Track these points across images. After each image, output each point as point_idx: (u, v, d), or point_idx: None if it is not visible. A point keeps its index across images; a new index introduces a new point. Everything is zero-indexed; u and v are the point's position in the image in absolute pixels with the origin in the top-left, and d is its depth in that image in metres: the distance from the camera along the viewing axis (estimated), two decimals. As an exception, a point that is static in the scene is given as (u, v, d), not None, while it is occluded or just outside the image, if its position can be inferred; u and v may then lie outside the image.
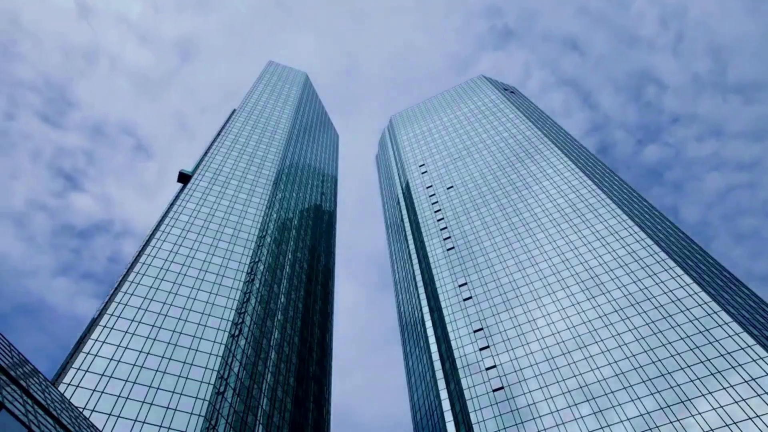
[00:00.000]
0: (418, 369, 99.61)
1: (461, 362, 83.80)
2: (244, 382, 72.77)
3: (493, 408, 74.30)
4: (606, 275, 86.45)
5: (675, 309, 75.27)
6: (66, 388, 57.95)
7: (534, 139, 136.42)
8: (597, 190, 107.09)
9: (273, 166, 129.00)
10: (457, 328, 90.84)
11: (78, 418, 36.88)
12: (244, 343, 77.42)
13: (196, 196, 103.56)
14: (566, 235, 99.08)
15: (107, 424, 55.90)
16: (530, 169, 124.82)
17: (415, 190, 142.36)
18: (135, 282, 76.90)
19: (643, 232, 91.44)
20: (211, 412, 62.66)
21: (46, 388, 34.18)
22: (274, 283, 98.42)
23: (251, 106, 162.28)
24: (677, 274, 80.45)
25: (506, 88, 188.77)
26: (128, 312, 71.43)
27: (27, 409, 26.05)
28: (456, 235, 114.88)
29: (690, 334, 70.89)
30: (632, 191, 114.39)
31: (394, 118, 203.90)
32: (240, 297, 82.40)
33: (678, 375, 66.80)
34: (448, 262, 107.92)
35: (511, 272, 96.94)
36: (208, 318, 75.90)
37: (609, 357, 73.49)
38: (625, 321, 77.32)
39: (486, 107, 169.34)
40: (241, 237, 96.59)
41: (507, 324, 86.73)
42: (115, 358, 64.03)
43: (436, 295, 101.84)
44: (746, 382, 62.26)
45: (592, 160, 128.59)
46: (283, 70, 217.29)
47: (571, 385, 72.45)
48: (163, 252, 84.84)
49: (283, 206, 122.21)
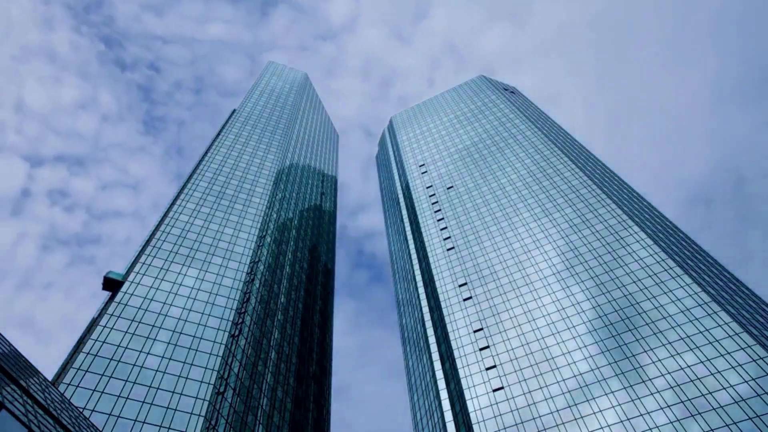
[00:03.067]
0: (418, 369, 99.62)
1: (461, 362, 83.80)
2: (244, 382, 72.77)
3: (493, 408, 74.30)
4: (606, 275, 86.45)
5: (675, 309, 75.27)
6: (66, 388, 57.95)
7: (534, 140, 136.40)
8: (597, 191, 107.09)
9: (273, 166, 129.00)
10: (457, 328, 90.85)
11: (78, 418, 36.88)
12: (244, 343, 77.42)
13: (196, 197, 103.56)
14: (566, 235, 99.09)
15: (107, 424, 55.91)
16: (530, 168, 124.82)
17: (415, 190, 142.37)
18: (135, 282, 76.88)
19: (643, 232, 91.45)
20: (211, 412, 62.67)
21: (46, 388, 34.19)
22: (274, 283, 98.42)
23: (251, 106, 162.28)
24: (677, 274, 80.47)
25: (506, 88, 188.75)
26: (128, 312, 71.42)
27: (27, 409, 26.05)
28: (456, 235, 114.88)
29: (690, 334, 70.89)
30: (631, 190, 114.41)
31: (394, 118, 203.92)
32: (240, 297, 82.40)
33: (678, 375, 66.79)
34: (448, 262, 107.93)
35: (511, 272, 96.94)
36: (208, 318, 75.89)
37: (609, 357, 73.50)
38: (625, 321, 77.32)
39: (486, 107, 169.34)
40: (241, 237, 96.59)
41: (507, 324, 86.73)
42: (115, 358, 64.04)
43: (436, 295, 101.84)
44: (746, 382, 62.26)
45: (592, 161, 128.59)
46: (283, 70, 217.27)
47: (572, 385, 72.46)
48: (163, 252, 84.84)
49: (283, 206, 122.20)
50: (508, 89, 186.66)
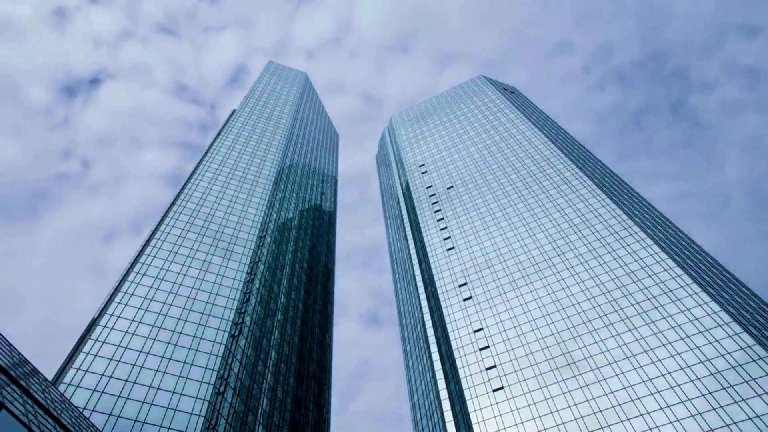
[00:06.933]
0: (418, 369, 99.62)
1: (461, 362, 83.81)
2: (244, 382, 72.77)
3: (493, 408, 74.30)
4: (606, 275, 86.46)
5: (675, 309, 75.29)
6: (66, 388, 57.95)
7: (534, 140, 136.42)
8: (597, 191, 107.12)
9: (273, 166, 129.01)
10: (457, 328, 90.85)
11: (78, 418, 36.88)
12: (244, 343, 77.43)
13: (196, 196, 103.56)
14: (567, 235, 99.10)
15: (107, 424, 55.91)
16: (530, 169, 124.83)
17: (415, 190, 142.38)
18: (135, 282, 76.90)
19: (643, 232, 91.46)
20: (211, 412, 62.67)
21: (46, 388, 34.18)
22: (274, 283, 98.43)
23: (251, 106, 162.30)
24: (677, 274, 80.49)
25: (506, 88, 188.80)
26: (128, 312, 71.44)
27: (27, 409, 26.05)
28: (456, 235, 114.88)
29: (690, 334, 70.90)
30: (632, 191, 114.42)
31: (394, 118, 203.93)
32: (240, 297, 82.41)
33: (678, 375, 66.80)
34: (448, 262, 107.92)
35: (511, 272, 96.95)
36: (208, 318, 75.91)
37: (609, 357, 73.51)
38: (625, 321, 77.34)
39: (486, 107, 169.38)
40: (241, 237, 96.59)
41: (507, 324, 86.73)
42: (115, 358, 64.04)
43: (436, 295, 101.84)
44: (746, 382, 62.28)
45: (592, 161, 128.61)
46: (283, 70, 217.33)
47: (572, 385, 72.45)
48: (163, 252, 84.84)
49: (283, 206, 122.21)
50: (508, 89, 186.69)
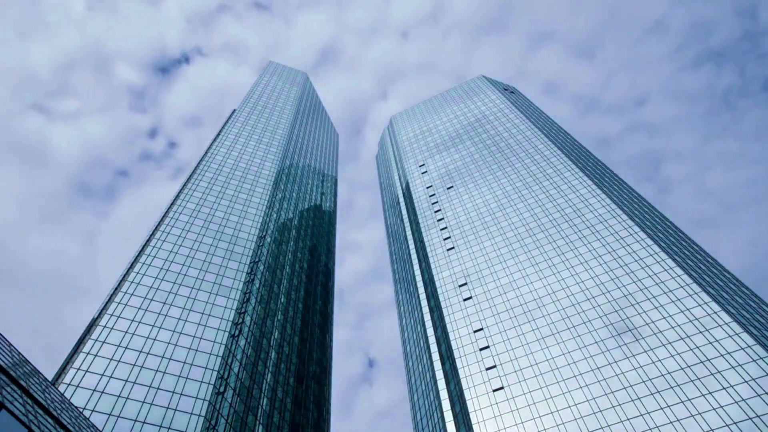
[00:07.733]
0: (418, 369, 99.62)
1: (461, 362, 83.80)
2: (244, 382, 72.77)
3: (493, 408, 74.30)
4: (606, 275, 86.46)
5: (675, 309, 75.28)
6: (66, 388, 57.94)
7: (534, 139, 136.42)
8: (597, 191, 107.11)
9: (273, 166, 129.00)
10: (457, 328, 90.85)
11: (78, 418, 36.88)
12: (244, 343, 77.42)
13: (196, 196, 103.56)
14: (566, 235, 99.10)
15: (107, 424, 55.90)
16: (530, 168, 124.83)
17: (415, 190, 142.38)
18: (135, 282, 76.89)
19: (643, 232, 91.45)
20: (211, 412, 62.67)
21: (46, 388, 34.18)
22: (274, 283, 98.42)
23: (251, 106, 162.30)
24: (677, 274, 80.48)
25: (506, 88, 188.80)
26: (128, 312, 71.43)
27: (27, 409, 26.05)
28: (456, 235, 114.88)
29: (690, 334, 70.89)
30: (631, 190, 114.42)
31: (394, 118, 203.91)
32: (240, 297, 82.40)
33: (678, 375, 66.79)
34: (448, 262, 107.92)
35: (511, 272, 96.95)
36: (208, 318, 75.91)
37: (609, 357, 73.50)
38: (625, 321, 77.33)
39: (486, 107, 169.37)
40: (241, 237, 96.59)
41: (507, 324, 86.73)
42: (115, 358, 64.03)
43: (436, 295, 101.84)
44: (746, 382, 62.27)
45: (592, 160, 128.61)
46: (283, 70, 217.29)
47: (572, 385, 72.45)
48: (163, 252, 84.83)
49: (283, 206, 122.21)
50: (508, 89, 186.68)
